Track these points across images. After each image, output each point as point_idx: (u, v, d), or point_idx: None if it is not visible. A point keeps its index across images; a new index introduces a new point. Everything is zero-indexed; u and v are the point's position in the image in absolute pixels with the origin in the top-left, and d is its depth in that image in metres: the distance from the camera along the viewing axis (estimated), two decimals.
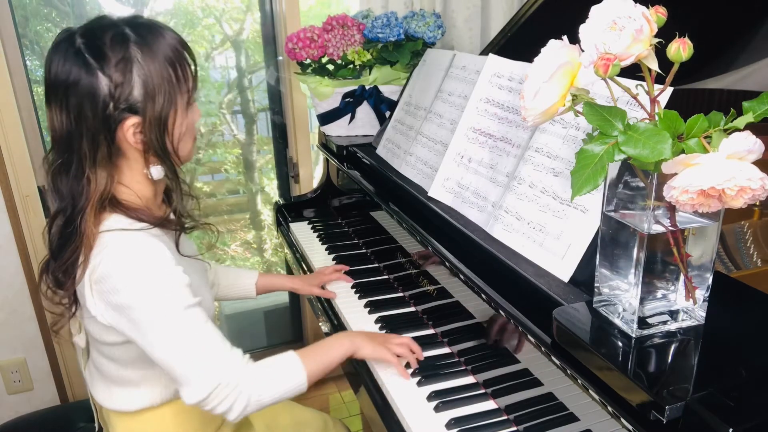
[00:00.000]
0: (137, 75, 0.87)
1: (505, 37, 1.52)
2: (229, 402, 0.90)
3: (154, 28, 0.91)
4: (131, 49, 0.87)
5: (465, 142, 1.19)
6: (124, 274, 0.88)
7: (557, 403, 0.84)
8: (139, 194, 0.97)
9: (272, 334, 2.55)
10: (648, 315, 0.71)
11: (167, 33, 0.92)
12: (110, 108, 0.87)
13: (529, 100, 0.70)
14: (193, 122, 0.98)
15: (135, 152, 0.93)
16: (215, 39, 2.18)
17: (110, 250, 0.89)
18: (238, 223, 2.47)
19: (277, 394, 0.95)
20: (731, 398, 0.59)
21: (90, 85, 0.86)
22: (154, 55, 0.88)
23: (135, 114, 0.89)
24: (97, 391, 1.08)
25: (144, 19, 0.92)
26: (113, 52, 0.86)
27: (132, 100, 0.88)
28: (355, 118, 1.70)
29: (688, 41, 0.63)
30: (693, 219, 0.69)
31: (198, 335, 0.91)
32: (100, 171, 0.91)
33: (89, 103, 0.87)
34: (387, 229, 1.45)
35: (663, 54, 0.65)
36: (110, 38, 0.87)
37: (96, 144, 0.89)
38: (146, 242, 0.90)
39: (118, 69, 0.86)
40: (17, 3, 1.80)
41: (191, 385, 0.89)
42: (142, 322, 0.88)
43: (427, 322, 1.23)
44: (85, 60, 0.86)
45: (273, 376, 0.96)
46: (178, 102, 0.92)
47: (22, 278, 1.90)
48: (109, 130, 0.89)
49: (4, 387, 2.01)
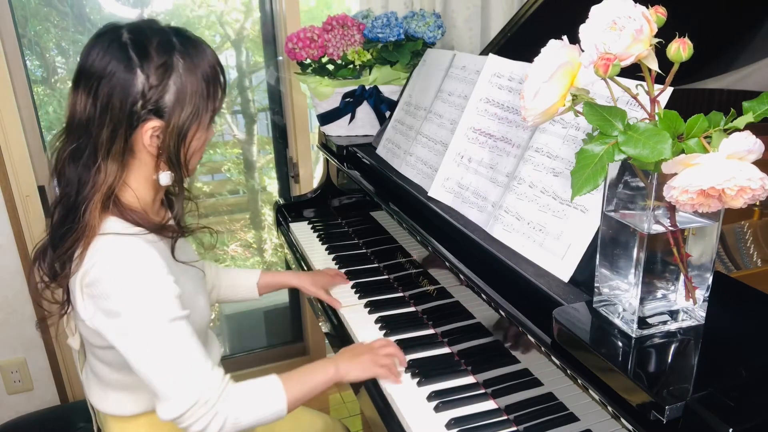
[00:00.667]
0: (173, 82, 0.89)
1: (505, 37, 1.52)
2: (205, 422, 0.90)
3: (198, 44, 0.94)
4: (175, 57, 0.90)
5: (465, 142, 1.19)
6: (115, 279, 0.87)
7: (557, 403, 0.84)
8: (140, 197, 0.97)
9: (272, 334, 2.55)
10: (648, 315, 0.71)
11: (209, 50, 0.95)
12: (138, 105, 0.88)
13: (529, 100, 0.70)
14: (207, 140, 1.00)
15: (147, 155, 0.94)
16: (215, 39, 2.18)
17: (103, 255, 0.88)
18: (238, 223, 2.47)
19: (254, 418, 0.94)
20: (731, 398, 0.59)
21: (126, 79, 0.87)
22: (194, 68, 0.91)
23: (159, 118, 0.90)
24: (93, 394, 1.07)
25: (190, 33, 0.95)
26: (158, 55, 0.89)
27: (161, 104, 0.89)
28: (355, 118, 1.70)
29: (688, 41, 0.63)
30: (693, 219, 0.69)
31: (180, 350, 0.90)
32: (111, 163, 0.91)
33: (120, 95, 0.87)
34: (387, 229, 1.45)
35: (663, 54, 0.65)
36: (157, 42, 0.89)
37: (114, 136, 0.89)
38: (140, 249, 0.90)
39: (158, 72, 0.88)
40: (17, 3, 1.80)
41: (168, 401, 0.89)
42: (126, 329, 0.88)
43: (427, 322, 1.23)
44: (128, 55, 0.88)
45: (252, 400, 0.95)
46: (202, 117, 0.94)
47: (22, 278, 1.90)
48: (130, 126, 0.89)
49: (4, 387, 2.01)
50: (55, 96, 1.98)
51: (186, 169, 0.97)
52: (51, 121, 1.98)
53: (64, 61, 1.98)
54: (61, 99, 1.99)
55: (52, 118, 1.99)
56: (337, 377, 1.04)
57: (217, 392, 0.91)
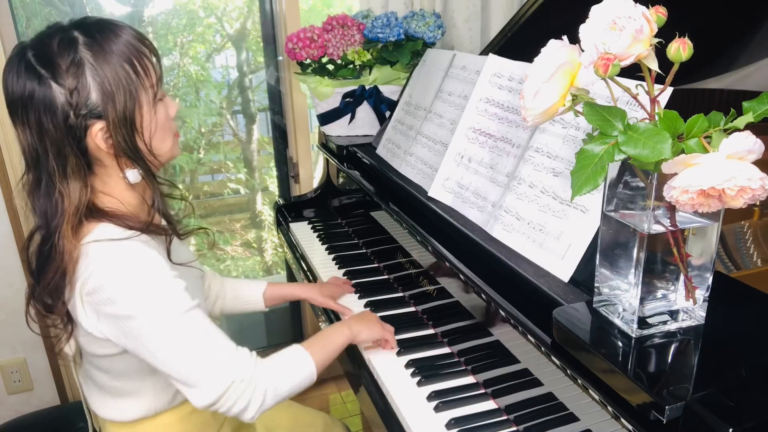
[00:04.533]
0: (91, 78, 0.84)
1: (505, 37, 1.52)
2: (246, 400, 0.89)
3: (104, 27, 0.87)
4: (80, 51, 0.84)
5: (465, 142, 1.19)
6: (119, 284, 0.85)
7: (557, 403, 0.84)
8: (124, 201, 0.93)
9: (272, 334, 2.55)
10: (648, 315, 0.71)
11: (120, 29, 0.87)
12: (71, 117, 0.84)
13: (529, 100, 0.70)
14: (166, 117, 0.94)
15: (109, 158, 0.90)
16: (216, 39, 2.18)
17: (101, 261, 0.86)
18: (238, 223, 2.47)
19: (292, 385, 0.95)
20: (731, 398, 0.59)
21: (45, 97, 0.83)
22: (106, 54, 0.85)
23: (99, 118, 0.86)
24: (91, 398, 1.06)
25: (94, 18, 0.88)
26: (62, 59, 0.83)
27: (91, 104, 0.85)
28: (355, 118, 1.70)
29: (688, 41, 0.63)
30: (693, 219, 0.69)
31: (203, 337, 0.89)
32: (72, 184, 0.87)
33: (48, 115, 0.84)
34: (387, 229, 1.45)
35: (663, 54, 0.65)
36: (57, 44, 0.84)
37: (63, 157, 0.86)
38: (138, 249, 0.88)
39: (70, 75, 0.83)
40: (17, 3, 1.80)
41: (201, 387, 0.88)
42: (142, 330, 0.86)
43: (427, 322, 1.23)
44: (37, 72, 0.83)
45: (285, 369, 0.96)
46: (142, 98, 0.88)
47: (21, 278, 1.90)
48: (75, 140, 0.86)
49: (4, 387, 2.01)
50: None
51: (152, 155, 0.92)
52: None
53: None
54: None
55: None
56: (351, 337, 1.09)
57: (251, 369, 0.91)
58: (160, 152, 0.95)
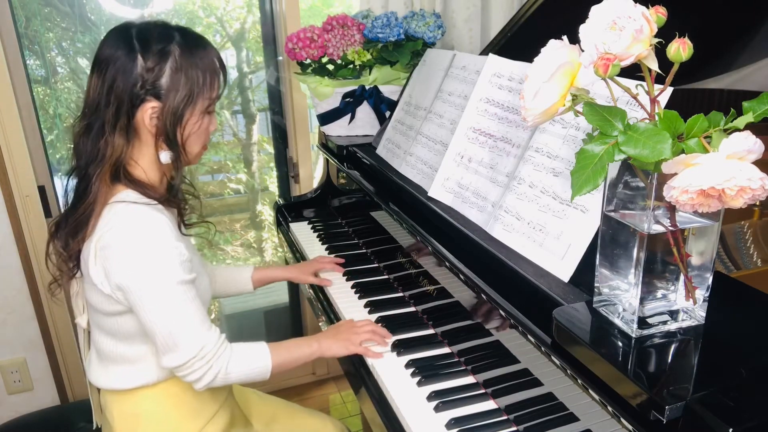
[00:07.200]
0: (169, 68, 0.99)
1: (505, 37, 1.52)
2: (200, 373, 1.02)
3: (198, 39, 1.04)
4: (172, 46, 1.00)
5: (465, 142, 1.19)
6: (128, 242, 0.97)
7: (557, 403, 0.84)
8: (149, 174, 1.06)
9: (272, 334, 2.55)
10: (648, 315, 0.71)
11: (209, 47, 1.05)
12: (138, 86, 0.99)
13: (529, 100, 0.70)
14: (207, 128, 1.08)
15: (148, 135, 1.03)
16: (216, 39, 2.18)
17: (118, 219, 0.98)
18: (238, 223, 2.47)
19: (243, 376, 1.07)
20: (731, 398, 0.59)
21: (128, 63, 0.98)
22: (190, 57, 1.01)
23: (157, 99, 1.00)
24: (94, 374, 1.13)
25: (194, 32, 1.05)
26: (155, 44, 0.99)
27: (158, 85, 0.99)
28: (355, 118, 1.70)
29: (688, 41, 0.63)
30: (693, 219, 0.69)
31: (184, 310, 0.99)
32: (118, 137, 1.01)
33: (123, 76, 0.98)
34: (387, 229, 1.45)
35: (663, 54, 0.65)
36: (157, 33, 1.00)
37: (118, 113, 1.00)
38: (152, 215, 1.00)
39: (155, 56, 0.99)
40: (17, 3, 1.80)
41: (171, 353, 1.00)
42: (137, 289, 0.97)
43: (427, 322, 1.23)
44: (132, 44, 0.99)
45: (243, 359, 1.07)
46: (198, 102, 1.03)
47: (22, 278, 1.90)
48: (132, 105, 0.99)
49: (4, 387, 2.01)
50: (55, 96, 1.98)
51: (184, 151, 1.05)
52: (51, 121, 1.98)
53: (64, 61, 1.98)
54: (61, 99, 1.99)
55: (52, 118, 1.99)
56: (319, 352, 1.15)
57: (214, 349, 1.02)
58: (189, 151, 1.07)
